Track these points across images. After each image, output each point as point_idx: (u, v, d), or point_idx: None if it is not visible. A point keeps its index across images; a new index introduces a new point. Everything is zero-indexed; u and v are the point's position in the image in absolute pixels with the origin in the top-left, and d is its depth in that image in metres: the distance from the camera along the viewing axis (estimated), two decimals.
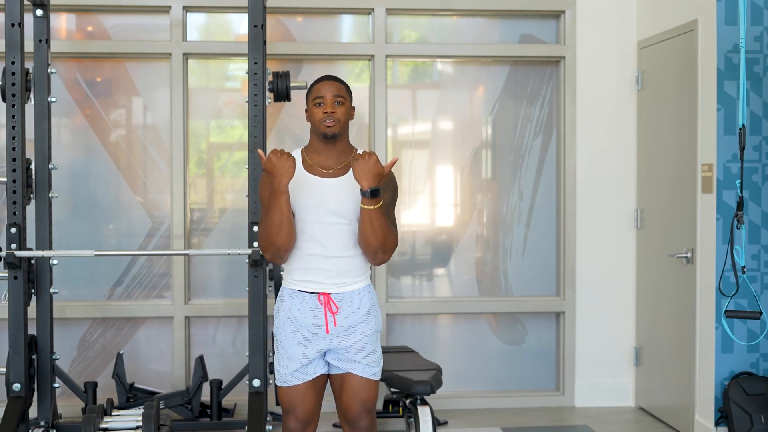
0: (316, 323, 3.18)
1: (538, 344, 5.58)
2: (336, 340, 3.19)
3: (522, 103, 5.53)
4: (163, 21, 5.27)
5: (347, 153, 3.25)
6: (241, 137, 5.41)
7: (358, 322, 3.19)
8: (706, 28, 4.57)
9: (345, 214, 3.16)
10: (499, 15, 5.49)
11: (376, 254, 3.14)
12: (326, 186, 3.18)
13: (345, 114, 3.22)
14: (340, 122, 3.19)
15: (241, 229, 5.15)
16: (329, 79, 3.27)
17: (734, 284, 4.13)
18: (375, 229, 3.08)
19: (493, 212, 5.57)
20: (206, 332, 5.38)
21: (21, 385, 4.25)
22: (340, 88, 3.24)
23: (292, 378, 3.22)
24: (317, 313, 3.18)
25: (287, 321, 3.22)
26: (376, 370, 3.24)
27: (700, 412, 4.67)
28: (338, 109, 3.19)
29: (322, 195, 3.16)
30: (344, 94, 3.23)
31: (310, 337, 3.19)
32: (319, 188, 3.17)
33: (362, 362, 3.20)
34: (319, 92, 3.21)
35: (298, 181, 3.18)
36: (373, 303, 3.26)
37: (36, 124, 4.49)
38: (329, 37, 5.48)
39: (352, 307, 3.19)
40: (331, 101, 3.19)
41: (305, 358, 3.20)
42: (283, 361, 3.24)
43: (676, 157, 4.91)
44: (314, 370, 3.22)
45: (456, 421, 5.13)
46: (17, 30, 4.25)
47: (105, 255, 5.00)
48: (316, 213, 3.16)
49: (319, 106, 3.19)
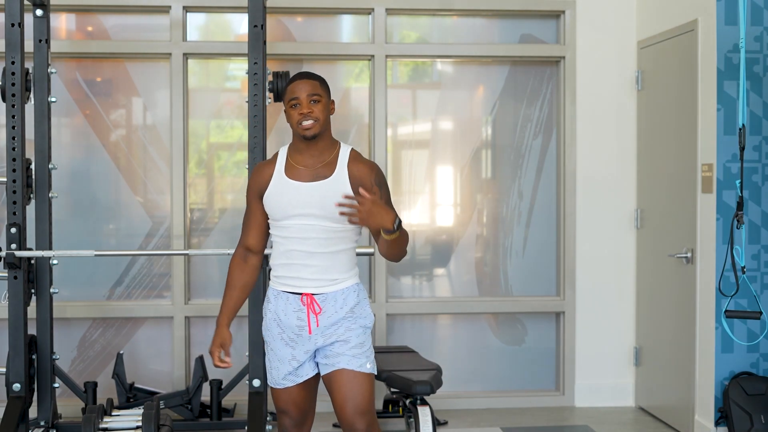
0: (299, 324, 3.15)
1: (538, 344, 5.58)
2: (320, 339, 3.15)
3: (522, 103, 5.53)
4: (163, 21, 5.27)
5: (330, 150, 3.17)
6: (241, 137, 5.41)
7: (340, 319, 3.14)
8: (706, 28, 4.57)
9: (327, 215, 3.09)
10: (499, 15, 5.49)
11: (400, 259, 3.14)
12: (308, 190, 3.11)
13: (322, 111, 3.12)
14: (318, 121, 3.10)
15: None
16: (302, 77, 3.16)
17: (734, 284, 4.13)
18: (401, 245, 3.05)
19: (493, 212, 5.57)
20: (206, 332, 5.37)
21: (21, 385, 4.25)
22: (315, 86, 3.13)
23: (285, 381, 3.21)
24: (300, 314, 3.14)
25: (273, 322, 3.20)
26: (363, 362, 3.14)
27: (700, 412, 4.67)
28: (315, 107, 3.10)
29: (304, 199, 3.10)
30: (319, 91, 3.13)
31: (295, 338, 3.17)
32: (299, 193, 3.12)
33: (347, 353, 3.12)
34: (294, 93, 3.12)
35: (278, 187, 3.14)
36: (359, 302, 3.18)
37: (36, 124, 4.49)
38: (329, 37, 5.48)
39: (335, 306, 3.14)
40: (307, 101, 3.10)
41: (294, 360, 3.18)
42: (273, 363, 3.22)
43: (676, 157, 4.91)
44: (306, 372, 3.20)
45: (456, 421, 5.13)
46: (17, 30, 4.25)
47: (105, 255, 5.00)
48: (298, 215, 3.11)
49: (295, 108, 3.11)
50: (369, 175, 3.12)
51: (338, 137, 5.42)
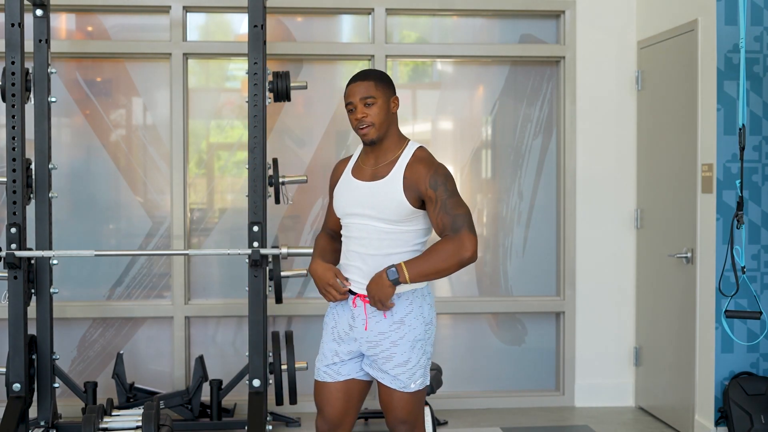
0: (350, 323, 3.13)
1: (538, 344, 5.58)
2: (365, 345, 3.11)
3: (522, 103, 5.53)
4: (163, 21, 5.27)
5: (395, 149, 3.12)
6: (241, 137, 5.41)
7: (388, 330, 3.06)
8: (706, 28, 4.57)
9: (383, 216, 3.05)
10: (499, 15, 5.49)
11: (460, 268, 2.98)
12: (365, 189, 3.10)
13: (379, 114, 3.06)
14: (374, 125, 3.06)
15: (241, 229, 5.15)
16: (356, 80, 3.12)
17: (734, 284, 4.13)
18: (438, 273, 2.97)
19: (493, 212, 5.57)
20: (206, 332, 5.38)
21: (21, 385, 4.25)
22: (369, 87, 3.08)
23: (325, 373, 3.18)
24: (352, 314, 3.13)
25: (330, 316, 3.21)
26: (405, 383, 3.07)
27: (700, 412, 4.67)
28: (369, 111, 3.06)
29: (361, 199, 3.09)
30: (374, 92, 3.07)
31: (343, 336, 3.15)
32: (359, 191, 3.11)
33: (390, 373, 3.07)
34: (348, 98, 3.11)
35: (344, 184, 3.18)
36: (411, 311, 3.07)
37: (36, 124, 4.49)
38: (329, 37, 5.48)
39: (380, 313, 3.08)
40: (361, 106, 3.08)
41: (336, 356, 3.16)
42: (319, 354, 3.23)
43: (676, 157, 4.91)
44: (347, 372, 3.16)
45: (456, 421, 5.13)
46: (17, 30, 4.25)
47: (105, 255, 5.00)
48: (355, 215, 3.11)
49: (352, 113, 3.10)
50: (425, 177, 3.03)
51: (339, 137, 5.50)
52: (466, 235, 2.95)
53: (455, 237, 2.95)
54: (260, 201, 4.40)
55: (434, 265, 2.96)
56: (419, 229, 3.11)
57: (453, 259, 2.94)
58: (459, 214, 2.99)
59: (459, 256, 2.94)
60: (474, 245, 2.95)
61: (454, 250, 2.95)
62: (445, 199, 3.01)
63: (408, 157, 3.10)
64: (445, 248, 2.96)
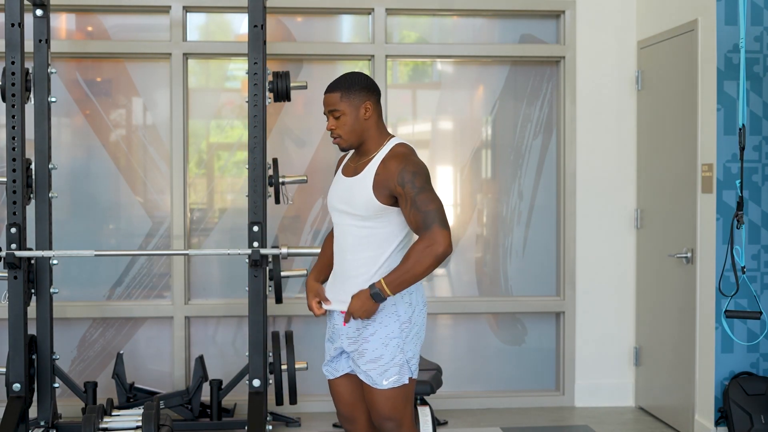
0: (335, 321, 3.22)
1: (538, 344, 5.58)
2: (346, 342, 3.18)
3: (522, 103, 5.53)
4: (163, 21, 5.27)
5: (377, 147, 3.12)
6: (241, 137, 5.41)
7: (362, 326, 3.12)
8: (706, 28, 4.57)
9: (354, 211, 3.08)
10: (499, 15, 5.49)
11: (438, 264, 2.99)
12: (344, 185, 3.16)
13: (347, 124, 3.08)
14: (341, 137, 3.10)
15: (241, 229, 5.15)
16: (326, 91, 3.13)
17: (734, 284, 4.13)
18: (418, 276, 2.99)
19: (493, 212, 5.57)
20: (206, 332, 5.38)
21: (21, 385, 4.25)
22: (332, 99, 3.09)
23: (327, 371, 3.29)
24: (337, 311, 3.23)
25: (330, 315, 3.28)
26: (376, 379, 3.09)
27: (700, 412, 4.67)
28: (338, 123, 3.09)
29: (339, 194, 3.17)
30: (338, 105, 3.07)
31: (332, 334, 3.25)
32: (341, 187, 3.18)
33: (362, 368, 3.13)
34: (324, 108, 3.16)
35: (334, 179, 3.27)
36: (383, 308, 3.07)
37: (36, 124, 4.49)
38: (329, 37, 5.48)
39: None
40: (330, 117, 3.12)
41: (331, 353, 3.26)
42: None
43: (676, 157, 4.91)
44: (342, 367, 3.23)
45: (456, 421, 5.13)
46: (17, 30, 4.25)
47: (105, 255, 5.00)
48: (337, 210, 3.17)
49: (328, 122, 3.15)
50: (395, 173, 3.00)
51: None
52: (438, 231, 2.95)
53: (427, 235, 2.96)
54: (260, 201, 4.40)
55: (411, 271, 2.98)
56: (392, 229, 3.09)
57: (428, 259, 2.95)
58: (429, 211, 2.97)
59: (433, 254, 2.95)
60: (446, 239, 2.95)
61: (426, 250, 2.95)
62: (414, 196, 2.98)
63: (384, 154, 3.10)
64: (418, 250, 2.97)
